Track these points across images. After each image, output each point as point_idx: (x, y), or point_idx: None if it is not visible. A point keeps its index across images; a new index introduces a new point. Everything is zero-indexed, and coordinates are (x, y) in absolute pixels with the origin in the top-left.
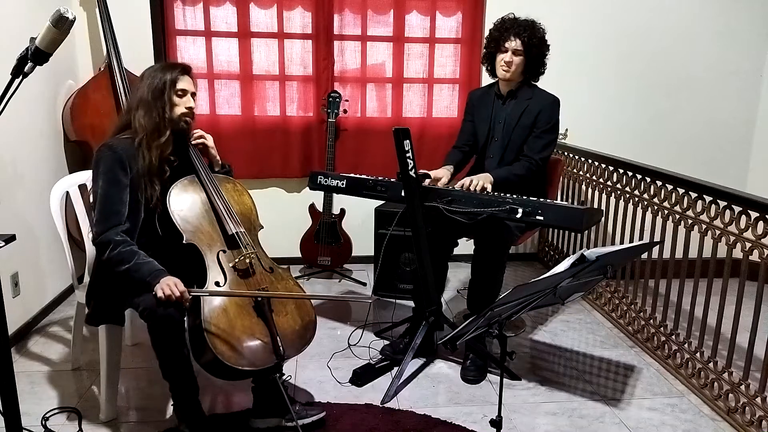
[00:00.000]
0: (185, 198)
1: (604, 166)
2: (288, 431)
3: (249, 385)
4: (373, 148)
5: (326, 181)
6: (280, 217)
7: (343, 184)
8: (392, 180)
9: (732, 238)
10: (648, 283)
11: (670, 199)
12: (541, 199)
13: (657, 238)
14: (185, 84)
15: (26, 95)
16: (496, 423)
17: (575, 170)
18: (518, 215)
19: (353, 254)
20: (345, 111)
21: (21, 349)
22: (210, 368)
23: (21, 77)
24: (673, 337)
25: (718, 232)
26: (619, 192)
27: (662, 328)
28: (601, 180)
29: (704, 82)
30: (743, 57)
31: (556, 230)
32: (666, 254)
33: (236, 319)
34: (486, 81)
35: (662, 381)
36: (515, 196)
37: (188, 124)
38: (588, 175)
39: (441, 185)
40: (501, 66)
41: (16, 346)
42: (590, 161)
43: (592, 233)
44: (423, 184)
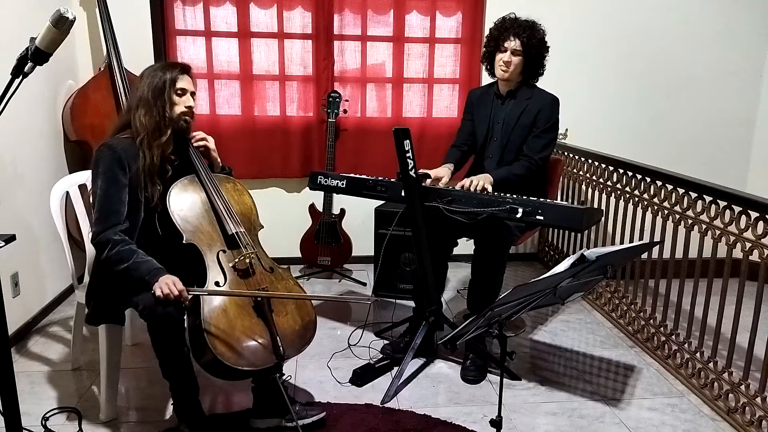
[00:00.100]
0: (185, 198)
1: (604, 166)
2: (288, 431)
3: (249, 385)
4: (373, 148)
5: (326, 181)
6: (280, 217)
7: (343, 184)
8: (392, 180)
9: (732, 238)
10: (648, 283)
11: (670, 199)
12: (541, 199)
13: (657, 238)
14: (185, 83)
15: (26, 95)
16: (496, 423)
17: (575, 170)
18: (518, 215)
19: (353, 254)
20: (345, 111)
21: (21, 349)
22: (210, 368)
23: (21, 77)
24: (673, 337)
25: (718, 232)
26: (619, 192)
27: (662, 328)
28: (601, 180)
29: (704, 82)
30: (743, 57)
31: (556, 230)
32: (666, 254)
33: (236, 319)
34: (486, 81)
35: (662, 381)
36: (515, 196)
37: (188, 123)
38: (588, 175)
39: (442, 184)
40: (500, 66)
41: (16, 346)
42: (590, 161)
43: (592, 233)
44: (423, 184)
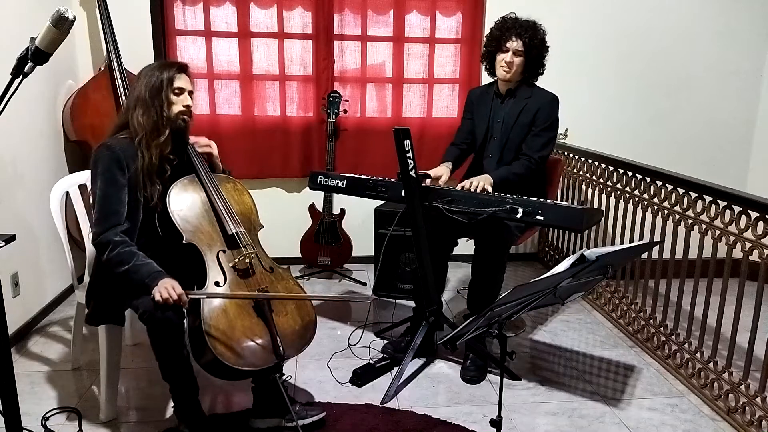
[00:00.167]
0: (185, 197)
1: (604, 166)
2: (288, 431)
3: (249, 385)
4: (373, 148)
5: (326, 181)
6: (280, 217)
7: (343, 184)
8: (392, 180)
9: (732, 238)
10: (648, 283)
11: (670, 199)
12: (541, 199)
13: (657, 238)
14: (182, 82)
15: (26, 95)
16: (496, 423)
17: (575, 170)
18: (518, 215)
19: (353, 254)
20: (345, 111)
21: (21, 349)
22: (210, 368)
23: (21, 77)
24: (673, 337)
25: (718, 232)
26: (619, 192)
27: (662, 328)
28: (601, 180)
29: (704, 82)
30: (743, 57)
31: (556, 230)
32: (666, 254)
33: (236, 320)
34: (486, 81)
35: (662, 381)
36: (515, 196)
37: (186, 123)
38: (588, 175)
39: (442, 182)
40: (501, 66)
41: (16, 346)
42: (590, 161)
43: (592, 233)
44: (423, 184)
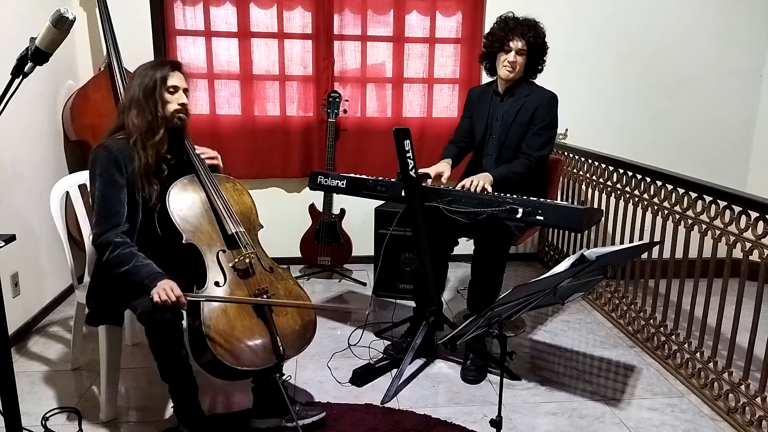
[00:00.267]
0: (185, 197)
1: (604, 166)
2: (288, 431)
3: (249, 385)
4: (373, 148)
5: (326, 181)
6: (280, 217)
7: (343, 184)
8: (392, 180)
9: (732, 238)
10: (648, 283)
11: (670, 199)
12: (541, 199)
13: (657, 238)
14: (176, 80)
15: (26, 95)
16: (496, 423)
17: (575, 170)
18: (518, 215)
19: (353, 254)
20: (345, 111)
21: (21, 349)
22: (210, 369)
23: (21, 77)
24: (673, 337)
25: (718, 232)
26: (619, 192)
27: (662, 328)
28: (601, 180)
29: (704, 82)
30: (743, 57)
31: (556, 230)
32: (666, 254)
33: (236, 320)
34: (486, 81)
35: (662, 381)
36: (515, 196)
37: (183, 121)
38: (588, 175)
39: (444, 179)
40: (505, 66)
41: (16, 346)
42: (590, 161)
43: (592, 233)
44: (423, 184)
